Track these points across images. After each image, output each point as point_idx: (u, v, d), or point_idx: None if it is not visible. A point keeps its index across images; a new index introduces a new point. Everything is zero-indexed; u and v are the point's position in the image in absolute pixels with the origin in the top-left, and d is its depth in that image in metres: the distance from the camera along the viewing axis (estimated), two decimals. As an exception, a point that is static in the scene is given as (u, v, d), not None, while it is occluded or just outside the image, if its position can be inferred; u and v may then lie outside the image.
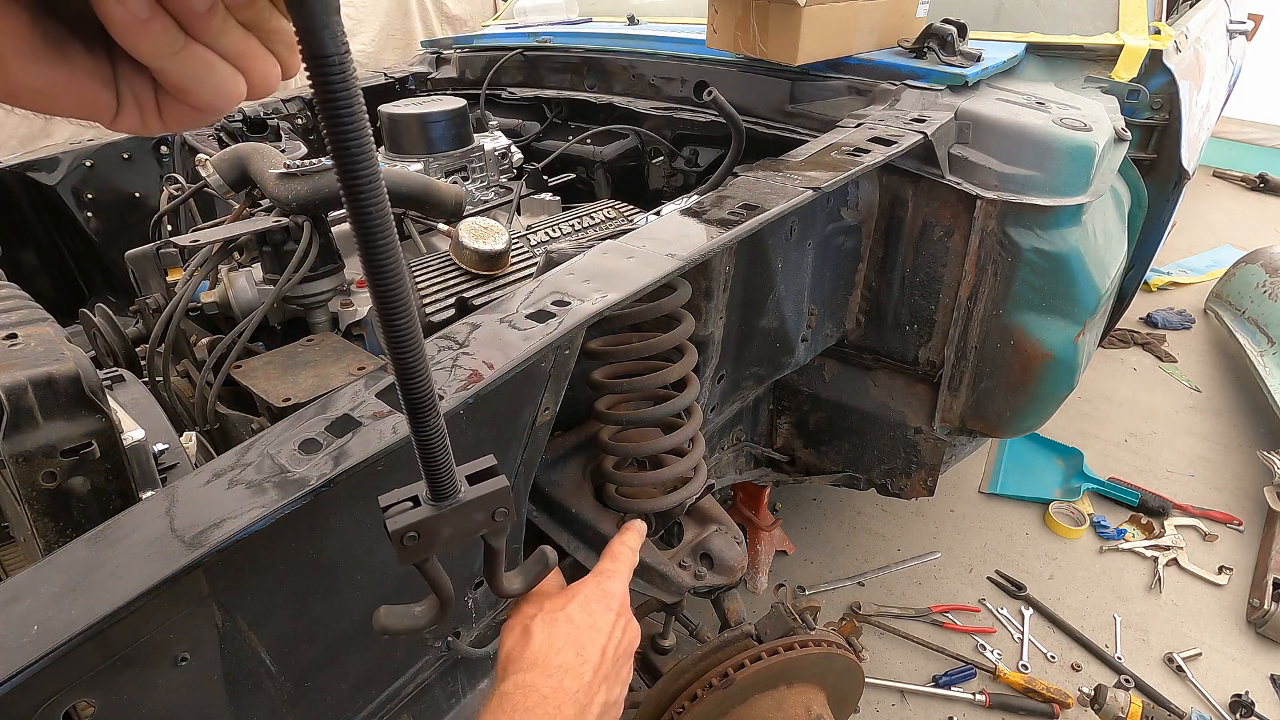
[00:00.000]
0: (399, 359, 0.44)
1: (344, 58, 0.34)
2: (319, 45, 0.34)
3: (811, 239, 1.42)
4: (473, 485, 0.52)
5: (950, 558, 2.36)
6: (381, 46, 5.47)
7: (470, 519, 0.52)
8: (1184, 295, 3.92)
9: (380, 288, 0.41)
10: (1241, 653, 2.06)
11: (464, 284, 1.45)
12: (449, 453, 0.50)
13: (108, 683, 0.59)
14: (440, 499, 0.51)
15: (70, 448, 0.79)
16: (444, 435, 0.49)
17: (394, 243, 0.40)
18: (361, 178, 0.37)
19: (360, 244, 0.39)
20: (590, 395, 1.09)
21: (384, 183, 0.38)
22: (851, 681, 1.27)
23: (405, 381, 0.46)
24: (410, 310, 0.42)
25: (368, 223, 0.38)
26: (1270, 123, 5.52)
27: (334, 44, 0.34)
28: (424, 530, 0.50)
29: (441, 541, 0.52)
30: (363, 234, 0.39)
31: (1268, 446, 2.66)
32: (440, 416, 0.48)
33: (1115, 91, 1.77)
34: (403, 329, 0.43)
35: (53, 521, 0.80)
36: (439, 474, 0.50)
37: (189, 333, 1.45)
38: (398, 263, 0.40)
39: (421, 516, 0.50)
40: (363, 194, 0.37)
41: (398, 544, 0.50)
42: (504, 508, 0.53)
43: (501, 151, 2.00)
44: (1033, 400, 1.58)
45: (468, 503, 0.51)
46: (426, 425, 0.48)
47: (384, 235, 0.39)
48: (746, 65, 1.86)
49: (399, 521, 0.50)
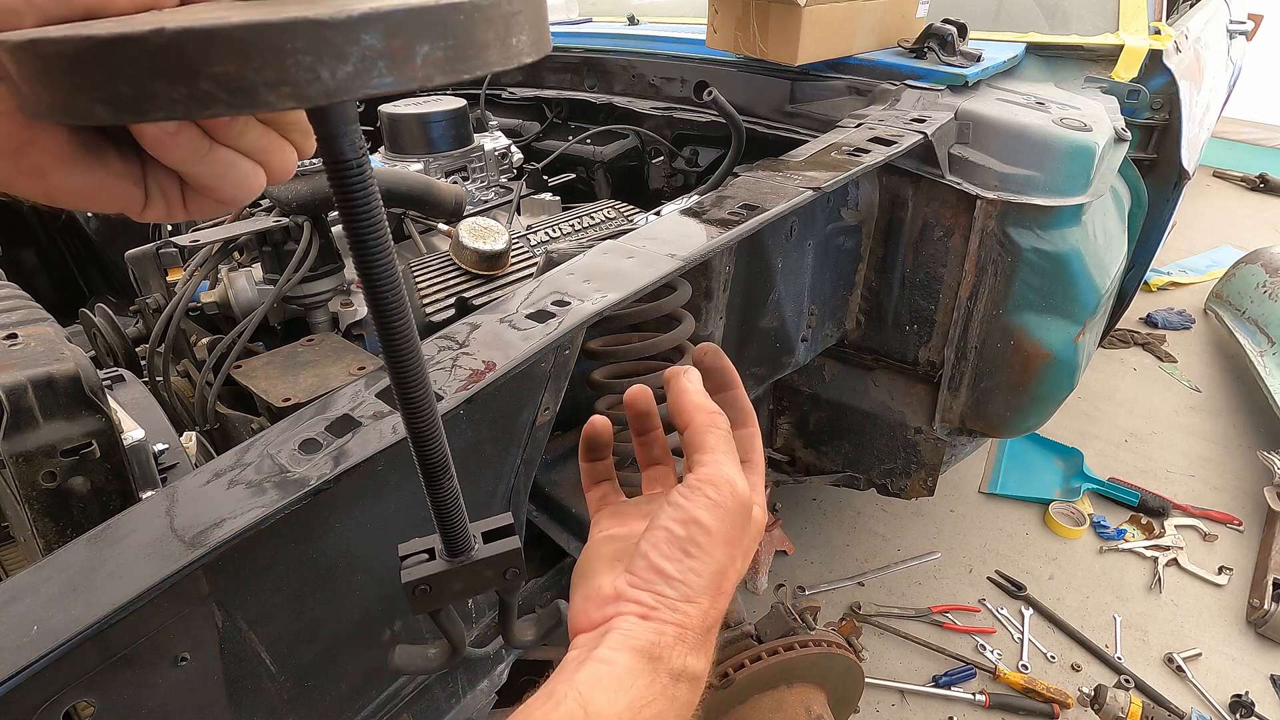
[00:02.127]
0: (415, 428, 0.46)
1: (362, 161, 0.36)
2: (339, 151, 0.35)
3: (811, 239, 1.42)
4: (487, 543, 0.54)
5: (950, 558, 2.36)
6: (381, 46, 5.48)
7: (482, 575, 0.54)
8: (1184, 295, 3.92)
9: (400, 371, 0.43)
10: (1241, 653, 2.06)
11: (464, 284, 1.45)
12: (463, 512, 0.52)
13: (108, 683, 0.59)
14: (454, 555, 0.53)
15: (70, 448, 0.79)
16: (458, 497, 0.51)
17: (412, 330, 0.42)
18: (381, 273, 0.39)
19: (380, 332, 0.41)
20: (590, 395, 1.09)
21: (401, 279, 0.40)
22: (851, 681, 1.27)
23: (420, 449, 0.48)
24: (426, 387, 0.45)
25: (387, 312, 0.40)
26: (1270, 123, 5.52)
27: (352, 150, 0.35)
28: (436, 584, 0.52)
29: (453, 594, 0.53)
30: (382, 324, 0.41)
31: (1268, 446, 2.66)
32: (454, 479, 0.50)
33: (1115, 91, 1.77)
34: (418, 403, 0.45)
35: (53, 521, 0.80)
36: (453, 532, 0.52)
37: (189, 333, 1.45)
38: (415, 347, 0.42)
39: (435, 570, 0.52)
40: (382, 288, 0.39)
41: (410, 595, 0.52)
42: (515, 567, 0.54)
43: (501, 151, 2.00)
44: (1033, 400, 1.58)
45: (480, 560, 0.53)
46: (442, 488, 0.50)
47: (402, 324, 0.41)
48: (746, 65, 1.86)
49: (413, 574, 0.52)
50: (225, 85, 0.26)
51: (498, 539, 0.54)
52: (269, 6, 0.30)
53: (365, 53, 0.28)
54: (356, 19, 0.27)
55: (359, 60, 0.28)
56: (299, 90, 0.27)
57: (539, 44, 0.35)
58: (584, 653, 0.47)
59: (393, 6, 0.28)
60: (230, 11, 0.29)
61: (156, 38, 0.26)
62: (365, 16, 0.27)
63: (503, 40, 0.32)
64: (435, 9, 0.29)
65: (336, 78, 0.28)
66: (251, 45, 0.26)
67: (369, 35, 0.27)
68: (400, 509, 0.82)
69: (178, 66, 0.26)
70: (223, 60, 0.26)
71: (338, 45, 0.27)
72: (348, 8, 0.27)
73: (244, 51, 0.26)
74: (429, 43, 0.29)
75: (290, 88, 0.27)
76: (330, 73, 0.27)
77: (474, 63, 0.31)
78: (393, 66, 0.28)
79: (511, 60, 0.33)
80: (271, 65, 0.27)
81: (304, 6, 0.28)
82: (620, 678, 0.44)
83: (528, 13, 0.34)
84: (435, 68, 0.30)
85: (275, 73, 0.27)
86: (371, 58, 0.28)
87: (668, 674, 0.46)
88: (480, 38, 0.31)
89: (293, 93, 0.27)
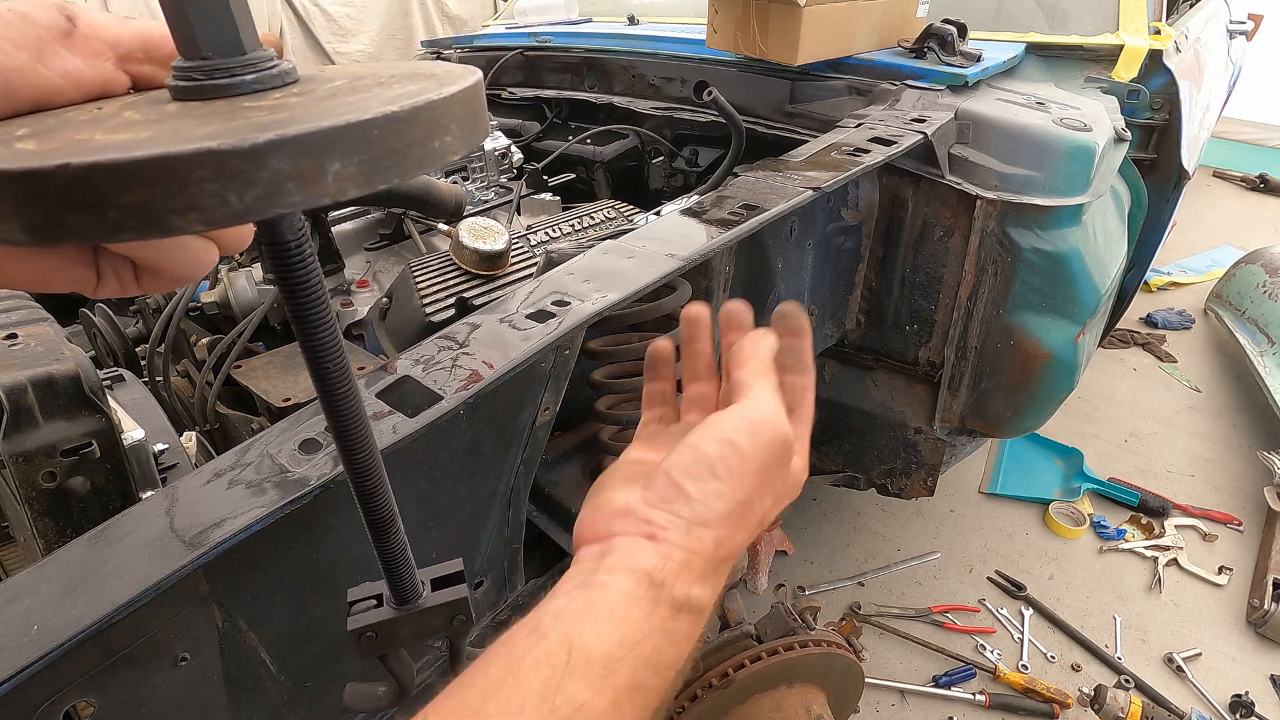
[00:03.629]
0: (360, 486, 0.48)
1: (301, 242, 0.37)
2: (277, 233, 0.36)
3: (811, 239, 1.42)
4: (435, 591, 0.55)
5: (950, 558, 2.36)
6: (381, 46, 5.48)
7: (429, 623, 0.54)
8: (1184, 295, 3.92)
9: (343, 434, 0.45)
10: (1241, 653, 2.06)
11: (464, 284, 1.45)
12: (410, 561, 0.53)
13: (108, 683, 0.59)
14: (402, 602, 0.53)
15: (70, 448, 0.79)
16: (405, 547, 0.52)
17: (356, 396, 0.44)
18: (323, 346, 0.41)
19: (323, 400, 0.43)
20: (590, 395, 1.09)
21: (343, 348, 0.43)
22: (851, 681, 1.27)
23: (366, 505, 0.49)
24: (371, 447, 0.46)
25: (330, 381, 0.43)
26: (1270, 123, 5.52)
27: (290, 231, 0.37)
28: (382, 631, 0.53)
29: (399, 641, 0.54)
30: (325, 392, 0.43)
31: (1268, 446, 2.66)
32: (401, 531, 0.51)
33: (1115, 91, 1.77)
34: (363, 464, 0.46)
35: (53, 521, 0.80)
36: (401, 581, 0.53)
37: (189, 333, 1.45)
38: (359, 412, 0.44)
39: (381, 618, 0.53)
40: (324, 359, 0.42)
41: (356, 641, 0.53)
42: (463, 614, 0.55)
43: (501, 151, 2.00)
44: (1033, 400, 1.58)
45: (428, 609, 0.54)
46: (388, 540, 0.51)
47: (346, 391, 0.43)
48: (746, 65, 1.86)
49: (358, 621, 0.53)
50: (133, 214, 0.27)
51: (446, 586, 0.55)
52: (189, 122, 0.30)
53: (273, 176, 0.27)
54: (263, 146, 0.27)
55: (267, 184, 0.28)
56: (206, 215, 0.27)
57: (470, 137, 0.34)
58: (579, 572, 0.43)
59: (301, 130, 0.28)
60: (149, 129, 0.29)
61: (63, 173, 0.26)
62: (272, 143, 0.27)
63: (424, 144, 0.32)
64: (345, 128, 0.28)
65: (245, 201, 0.27)
66: (157, 176, 0.26)
67: (277, 159, 0.27)
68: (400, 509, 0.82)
69: (85, 199, 0.26)
70: (128, 192, 0.26)
71: (245, 172, 0.27)
72: (255, 135, 0.27)
73: (149, 183, 0.26)
74: (340, 160, 0.29)
75: (198, 213, 0.27)
76: (238, 197, 0.27)
77: (391, 172, 0.31)
78: (302, 186, 0.28)
79: (436, 161, 0.33)
80: (177, 195, 0.27)
81: (217, 127, 0.28)
82: (615, 606, 0.40)
83: (454, 112, 0.33)
84: (349, 182, 0.29)
85: (182, 200, 0.27)
86: (280, 180, 0.28)
87: (669, 604, 0.41)
88: (397, 147, 0.30)
89: (200, 218, 0.27)
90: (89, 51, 0.38)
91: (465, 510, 0.91)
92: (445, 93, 0.32)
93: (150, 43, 0.39)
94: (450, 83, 0.34)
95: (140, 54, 0.39)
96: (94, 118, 0.34)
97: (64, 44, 0.37)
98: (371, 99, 0.31)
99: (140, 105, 0.35)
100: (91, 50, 0.38)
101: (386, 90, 0.33)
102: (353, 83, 0.35)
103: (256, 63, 0.33)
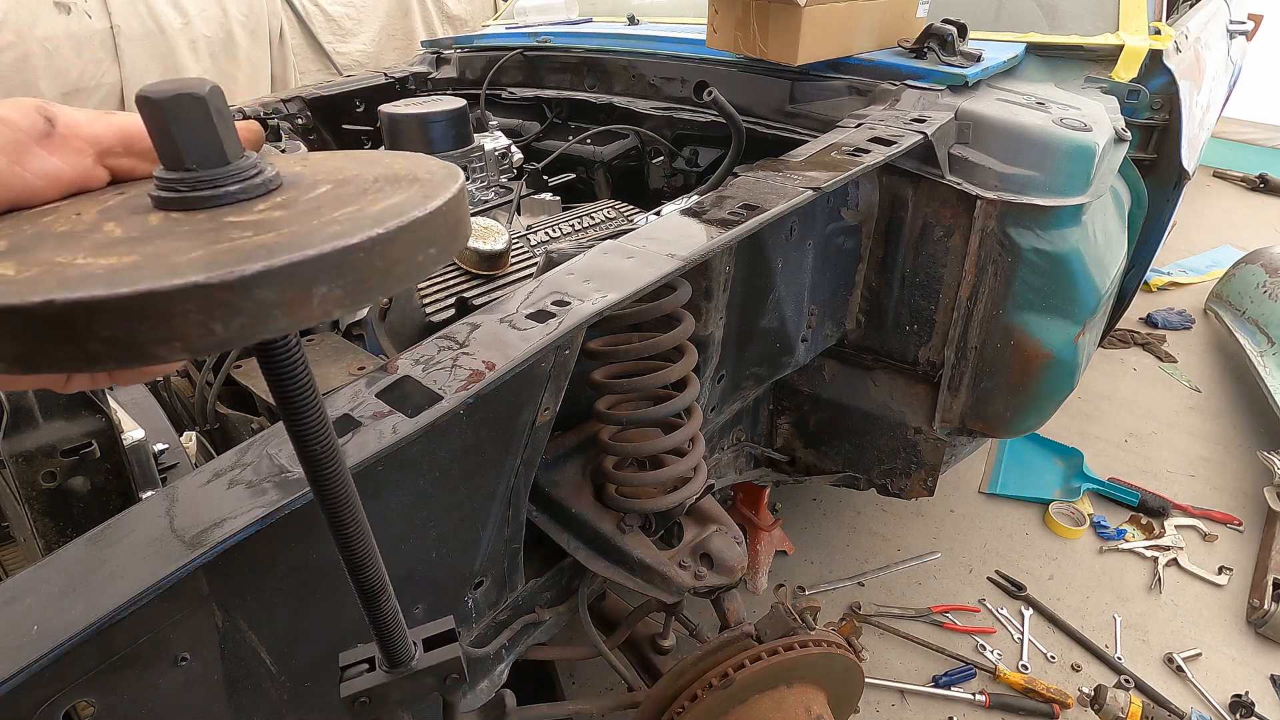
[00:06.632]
0: (350, 558, 0.48)
1: (288, 338, 0.37)
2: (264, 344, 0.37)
3: (811, 239, 1.42)
4: (428, 651, 0.55)
5: (950, 558, 2.36)
6: (381, 46, 5.48)
7: (422, 684, 0.54)
8: (1184, 295, 3.92)
9: (332, 512, 0.45)
10: (1241, 653, 2.06)
11: (464, 284, 1.45)
12: (402, 625, 0.53)
13: (108, 683, 0.59)
14: (394, 665, 0.53)
15: (70, 448, 0.79)
16: (397, 613, 0.52)
17: (345, 477, 0.44)
18: (312, 434, 0.41)
19: (313, 483, 0.44)
20: (590, 395, 1.09)
21: (332, 431, 0.43)
22: (851, 681, 1.27)
23: (357, 575, 0.49)
24: (360, 521, 0.47)
25: (318, 463, 0.43)
26: (1270, 123, 5.52)
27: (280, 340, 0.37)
28: (375, 695, 0.53)
29: (393, 704, 0.54)
30: (313, 473, 0.43)
31: (1268, 446, 2.66)
32: (392, 598, 0.51)
33: (1115, 92, 1.77)
34: (352, 538, 0.47)
35: (53, 521, 0.80)
36: (392, 644, 0.53)
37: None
38: (348, 489, 0.45)
39: (374, 683, 0.53)
40: (312, 443, 0.41)
41: (349, 707, 0.53)
42: (456, 673, 0.55)
43: (501, 151, 2.00)
44: (1033, 400, 1.58)
45: (420, 670, 0.54)
46: (379, 608, 0.51)
47: (334, 470, 0.43)
48: (746, 65, 1.86)
49: (351, 687, 0.53)
50: (114, 345, 0.26)
51: (438, 645, 0.55)
52: (173, 244, 0.29)
53: (258, 305, 0.27)
54: (250, 278, 0.27)
55: (252, 312, 0.27)
56: (190, 344, 0.27)
57: (453, 246, 0.34)
58: None
59: (287, 260, 0.27)
60: (132, 251, 0.29)
61: (46, 309, 0.26)
62: (259, 275, 0.27)
63: (408, 259, 0.31)
64: (330, 255, 0.28)
65: (230, 329, 0.27)
66: (140, 311, 0.26)
67: (262, 289, 0.27)
68: (400, 509, 0.82)
69: (66, 333, 0.26)
70: (111, 326, 0.26)
71: (230, 303, 0.27)
72: (241, 266, 0.27)
73: (132, 318, 0.26)
74: (326, 284, 0.29)
75: (181, 343, 0.27)
76: (223, 326, 0.27)
77: (375, 291, 0.31)
78: (287, 312, 0.28)
79: (419, 275, 0.33)
80: (160, 327, 0.26)
81: (203, 252, 0.28)
82: None
83: (437, 225, 0.33)
84: (334, 304, 0.29)
85: (165, 332, 0.26)
86: (265, 308, 0.27)
87: None
88: (381, 267, 0.30)
89: (184, 347, 0.27)
90: (68, 150, 0.38)
91: (465, 510, 0.91)
92: (430, 208, 0.32)
93: (128, 137, 0.39)
94: (434, 193, 0.33)
95: (119, 149, 0.39)
96: (72, 229, 0.33)
97: (43, 145, 0.37)
98: (357, 216, 0.31)
99: (121, 216, 0.34)
100: (71, 149, 0.38)
101: (371, 203, 0.33)
102: (336, 190, 0.34)
103: (240, 172, 0.33)
